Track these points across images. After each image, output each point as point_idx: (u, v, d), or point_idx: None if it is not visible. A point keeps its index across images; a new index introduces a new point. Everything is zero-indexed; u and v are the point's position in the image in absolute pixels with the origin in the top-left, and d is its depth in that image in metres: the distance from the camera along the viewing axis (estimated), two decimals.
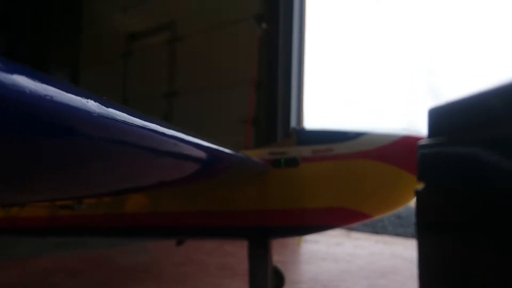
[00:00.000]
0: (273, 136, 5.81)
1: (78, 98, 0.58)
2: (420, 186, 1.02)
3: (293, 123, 5.91)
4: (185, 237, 2.59)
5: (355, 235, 5.90)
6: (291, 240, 4.94)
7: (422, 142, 1.00)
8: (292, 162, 1.98)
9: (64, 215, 2.27)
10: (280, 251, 4.28)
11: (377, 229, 6.43)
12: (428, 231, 0.95)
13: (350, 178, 1.95)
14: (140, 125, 0.75)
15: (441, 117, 0.95)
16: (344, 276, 3.43)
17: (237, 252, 4.14)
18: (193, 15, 7.07)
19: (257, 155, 2.01)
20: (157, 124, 0.83)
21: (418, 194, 1.00)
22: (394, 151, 1.91)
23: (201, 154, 1.13)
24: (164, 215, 2.18)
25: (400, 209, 2.02)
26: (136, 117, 0.73)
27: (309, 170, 1.97)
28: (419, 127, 1.96)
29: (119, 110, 0.68)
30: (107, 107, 0.64)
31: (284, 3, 6.06)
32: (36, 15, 8.97)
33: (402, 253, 4.47)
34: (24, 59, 9.13)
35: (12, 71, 0.47)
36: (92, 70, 8.68)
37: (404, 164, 1.88)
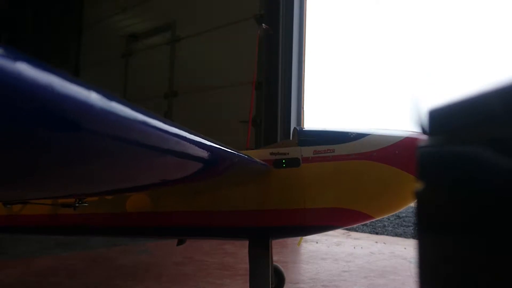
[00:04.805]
0: (273, 136, 5.81)
1: (81, 89, 0.56)
2: (420, 186, 1.02)
3: (293, 123, 5.91)
4: (186, 236, 2.59)
5: (355, 235, 5.90)
6: (291, 240, 4.94)
7: (422, 142, 1.00)
8: (294, 163, 1.98)
9: (66, 214, 2.27)
10: (280, 251, 4.28)
11: (377, 229, 6.43)
12: (428, 231, 0.95)
13: (351, 179, 1.95)
14: (143, 121, 0.74)
15: (441, 117, 0.95)
16: (344, 276, 3.43)
17: (237, 252, 4.14)
18: (193, 15, 7.07)
19: (258, 155, 2.00)
20: (161, 121, 0.82)
21: (418, 194, 1.00)
22: (395, 152, 1.91)
23: (205, 153, 1.13)
24: (165, 214, 2.18)
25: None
26: (139, 112, 0.72)
27: (310, 170, 1.97)
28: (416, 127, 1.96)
29: (123, 105, 0.67)
30: (110, 100, 0.63)
31: (284, 3, 6.06)
32: (37, 16, 8.97)
33: (402, 253, 4.47)
34: None
35: (15, 59, 0.46)
36: (92, 70, 8.68)
37: (405, 165, 1.88)
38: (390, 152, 1.91)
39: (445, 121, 0.92)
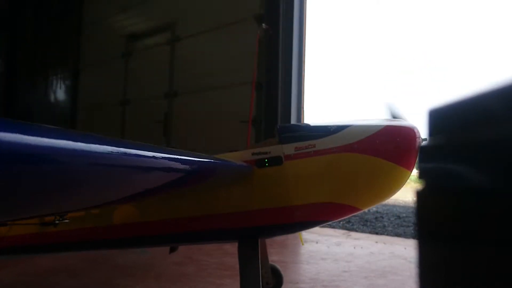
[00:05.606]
0: (273, 136, 5.80)
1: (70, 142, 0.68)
2: (420, 186, 1.02)
3: (293, 123, 5.91)
4: (176, 243, 2.56)
5: (355, 235, 5.90)
6: (291, 240, 4.94)
7: (423, 142, 1.00)
8: (276, 161, 1.97)
9: (48, 232, 2.22)
10: (280, 251, 4.28)
11: (377, 229, 6.43)
12: (428, 231, 0.95)
13: (334, 173, 1.93)
14: (110, 151, 0.82)
15: (441, 117, 0.95)
16: (344, 276, 3.43)
17: (236, 252, 4.13)
18: (193, 15, 7.07)
19: (241, 156, 2.00)
20: (128, 147, 0.89)
21: (418, 194, 1.00)
22: (375, 142, 1.89)
23: (182, 166, 1.16)
24: (151, 223, 2.16)
25: (399, 209, 2.02)
26: (117, 146, 0.80)
27: (293, 167, 1.95)
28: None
29: (104, 144, 0.77)
30: (99, 144, 0.74)
31: (284, 3, 6.06)
32: (37, 16, 8.97)
33: (402, 253, 4.47)
34: (24, 60, 9.16)
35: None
36: (92, 70, 8.67)
37: (387, 154, 1.86)
38: (371, 142, 1.89)
39: (445, 121, 0.92)
